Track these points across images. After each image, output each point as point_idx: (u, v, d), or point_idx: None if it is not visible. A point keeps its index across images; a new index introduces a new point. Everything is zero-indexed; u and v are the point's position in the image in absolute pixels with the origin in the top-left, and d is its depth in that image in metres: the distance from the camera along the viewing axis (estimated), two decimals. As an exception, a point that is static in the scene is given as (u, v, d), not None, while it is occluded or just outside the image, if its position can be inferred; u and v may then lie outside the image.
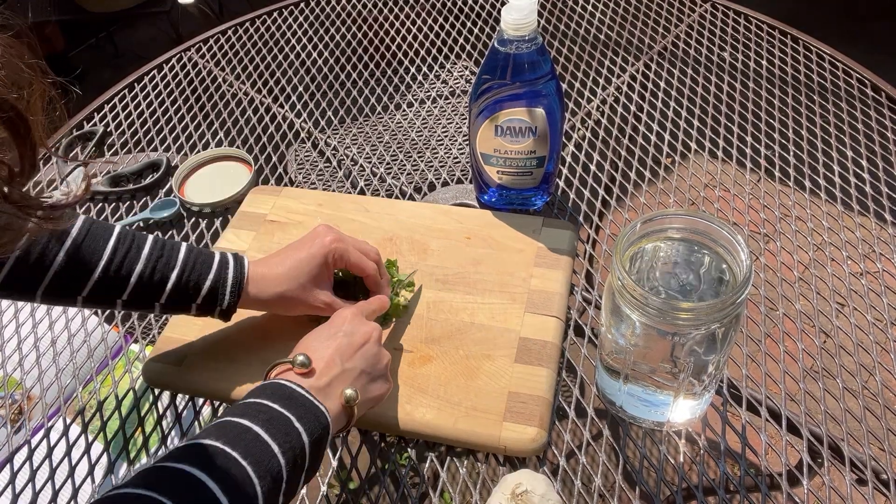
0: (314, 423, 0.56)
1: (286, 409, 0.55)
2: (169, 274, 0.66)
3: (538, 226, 0.86)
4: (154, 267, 0.66)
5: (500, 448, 0.67)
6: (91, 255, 0.64)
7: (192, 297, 0.67)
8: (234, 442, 0.52)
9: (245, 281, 0.68)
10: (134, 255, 0.65)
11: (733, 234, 0.57)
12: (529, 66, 0.75)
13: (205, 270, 0.67)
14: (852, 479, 0.66)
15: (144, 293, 0.66)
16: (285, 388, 0.57)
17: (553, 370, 0.71)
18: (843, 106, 1.04)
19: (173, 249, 0.67)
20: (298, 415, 0.55)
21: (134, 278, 0.65)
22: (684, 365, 0.60)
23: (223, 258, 0.69)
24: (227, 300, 0.68)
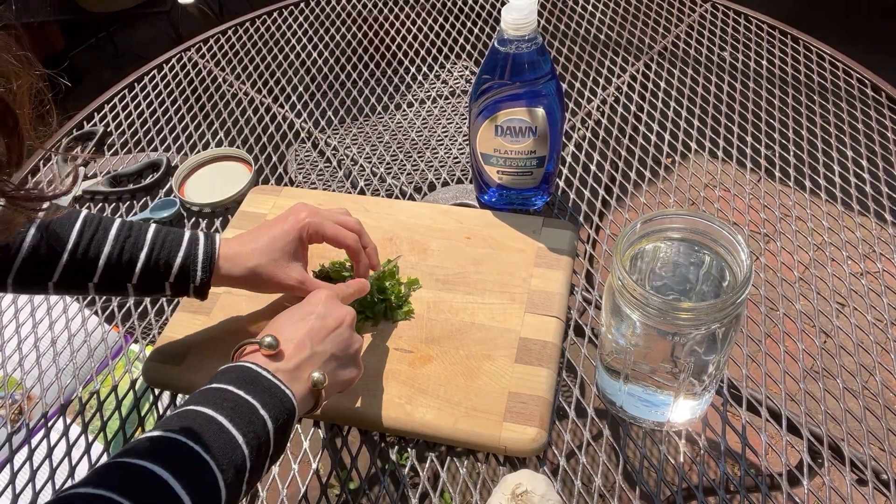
0: (279, 409, 0.55)
1: (251, 396, 0.54)
2: (138, 254, 0.66)
3: (538, 226, 0.86)
4: (122, 247, 0.65)
5: (500, 448, 0.67)
6: (57, 240, 0.64)
7: (164, 276, 0.67)
8: (196, 434, 0.50)
9: (216, 257, 0.68)
10: (101, 237, 0.65)
11: (733, 234, 0.57)
12: (529, 66, 0.75)
13: (174, 248, 0.67)
14: (852, 479, 0.66)
15: (115, 275, 0.66)
16: (250, 372, 0.56)
17: (553, 370, 0.71)
18: (843, 106, 1.04)
19: (141, 230, 0.67)
20: (263, 401, 0.54)
21: (102, 260, 0.65)
22: (684, 365, 0.60)
23: (193, 236, 0.69)
24: (199, 277, 0.67)
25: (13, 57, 0.41)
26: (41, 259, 0.64)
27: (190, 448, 0.50)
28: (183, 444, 0.50)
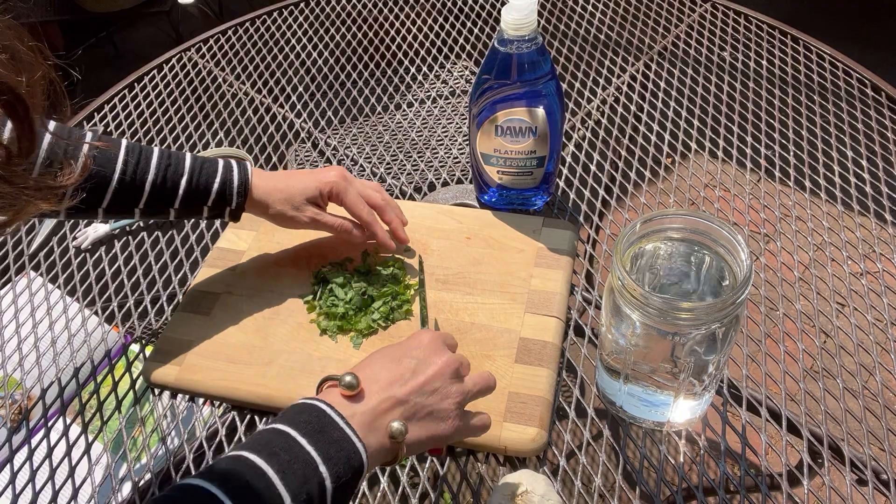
0: (344, 466, 0.50)
1: (314, 448, 0.49)
2: (179, 180, 0.72)
3: (538, 226, 0.86)
4: (165, 174, 0.71)
5: (500, 448, 0.67)
6: (104, 168, 0.69)
7: (203, 199, 0.73)
8: (238, 490, 0.47)
9: (249, 182, 0.74)
10: (144, 165, 0.71)
11: (733, 234, 0.57)
12: (529, 66, 0.75)
13: (212, 174, 0.73)
14: (852, 479, 0.66)
15: (159, 199, 0.72)
16: (323, 417, 0.51)
17: (553, 370, 0.71)
18: (843, 106, 1.04)
19: (179, 158, 0.73)
20: (326, 455, 0.50)
21: (147, 186, 0.71)
22: (684, 365, 0.60)
23: (227, 163, 0.75)
24: (235, 200, 0.74)
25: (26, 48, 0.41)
26: (91, 186, 0.68)
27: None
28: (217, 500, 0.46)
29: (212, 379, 0.73)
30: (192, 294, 0.82)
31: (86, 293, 0.88)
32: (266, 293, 0.81)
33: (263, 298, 0.80)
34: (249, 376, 0.73)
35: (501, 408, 0.68)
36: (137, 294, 0.87)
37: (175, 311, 0.81)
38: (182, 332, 0.77)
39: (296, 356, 0.74)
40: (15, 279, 0.91)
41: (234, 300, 0.80)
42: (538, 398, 0.69)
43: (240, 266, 0.84)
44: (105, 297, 0.87)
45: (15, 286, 0.90)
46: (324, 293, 0.79)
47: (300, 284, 0.81)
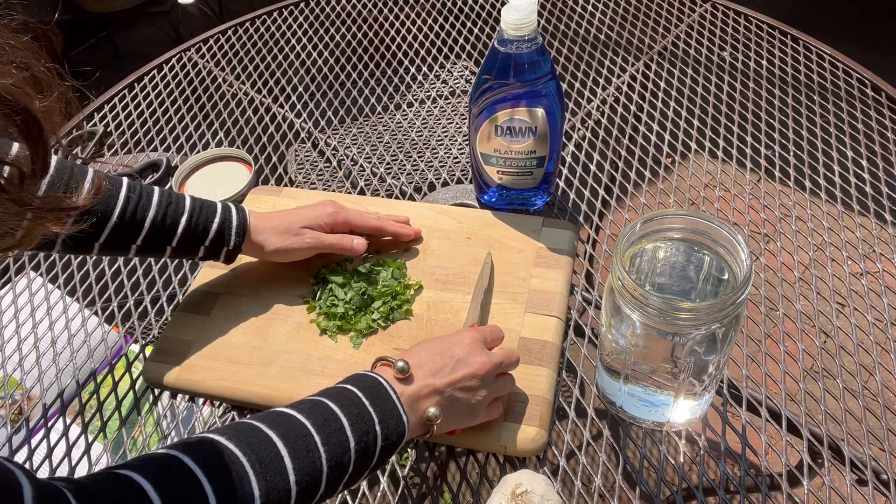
0: (392, 430, 0.58)
1: (374, 409, 0.58)
2: (179, 218, 0.73)
3: (538, 226, 0.86)
4: (165, 213, 0.72)
5: (499, 448, 0.67)
6: (106, 205, 0.70)
7: (201, 239, 0.74)
8: (317, 426, 0.55)
9: (248, 225, 0.76)
10: (145, 202, 0.72)
11: (733, 234, 0.57)
12: (529, 66, 0.75)
13: (211, 214, 0.74)
14: (852, 479, 0.66)
15: (157, 237, 0.72)
16: (380, 388, 0.60)
17: (553, 370, 0.71)
18: (843, 106, 1.04)
19: (180, 198, 0.74)
20: (382, 418, 0.58)
21: (148, 223, 0.71)
22: (684, 365, 0.60)
23: (225, 205, 0.76)
24: (233, 241, 0.75)
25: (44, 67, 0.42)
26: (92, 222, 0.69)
27: (310, 441, 0.55)
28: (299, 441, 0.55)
29: (212, 379, 0.73)
30: (193, 294, 0.82)
31: (86, 293, 0.88)
32: (266, 293, 0.81)
33: (263, 299, 0.80)
34: (249, 376, 0.73)
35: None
36: (137, 294, 0.87)
37: (175, 311, 0.81)
38: (182, 333, 0.77)
39: (296, 356, 0.74)
40: (15, 279, 0.91)
41: (235, 300, 0.80)
42: (538, 398, 0.69)
43: (240, 266, 0.84)
44: (105, 297, 0.87)
45: (15, 286, 0.90)
46: (324, 293, 0.79)
47: (300, 285, 0.81)
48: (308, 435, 0.55)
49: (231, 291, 0.81)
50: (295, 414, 0.56)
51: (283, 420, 0.55)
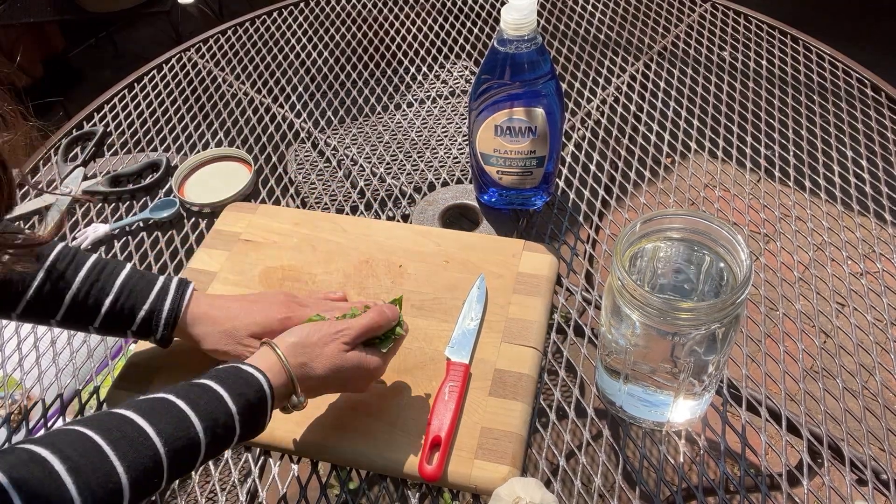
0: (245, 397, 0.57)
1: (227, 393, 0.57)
2: (103, 299, 0.66)
3: (518, 249, 0.83)
4: (89, 291, 0.66)
5: (470, 487, 0.64)
6: (25, 276, 0.65)
7: (127, 324, 0.67)
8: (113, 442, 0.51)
9: (182, 313, 0.68)
10: (70, 274, 0.66)
11: (733, 234, 0.57)
12: (529, 66, 0.75)
13: (141, 298, 0.67)
14: (852, 479, 0.66)
15: (78, 314, 0.66)
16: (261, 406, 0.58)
17: (528, 404, 0.69)
18: (843, 106, 1.04)
19: (112, 273, 0.67)
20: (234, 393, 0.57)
21: (67, 299, 0.66)
22: (684, 365, 0.60)
23: (164, 286, 0.68)
24: (160, 332, 0.67)
25: (10, 110, 0.43)
26: (6, 292, 0.65)
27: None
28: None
29: None
30: None
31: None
32: None
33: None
34: None
35: (473, 444, 0.66)
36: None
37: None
38: (147, 358, 0.75)
39: None
40: (15, 279, 0.91)
41: None
42: (511, 434, 0.66)
43: (211, 288, 0.82)
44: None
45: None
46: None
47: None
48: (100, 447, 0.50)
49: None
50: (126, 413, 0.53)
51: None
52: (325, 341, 0.62)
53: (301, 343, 0.62)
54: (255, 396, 0.57)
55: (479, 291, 0.78)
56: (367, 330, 0.64)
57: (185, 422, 0.54)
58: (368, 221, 0.90)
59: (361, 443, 0.67)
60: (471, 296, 0.78)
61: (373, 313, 0.65)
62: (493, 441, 0.66)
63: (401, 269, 0.82)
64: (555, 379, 0.75)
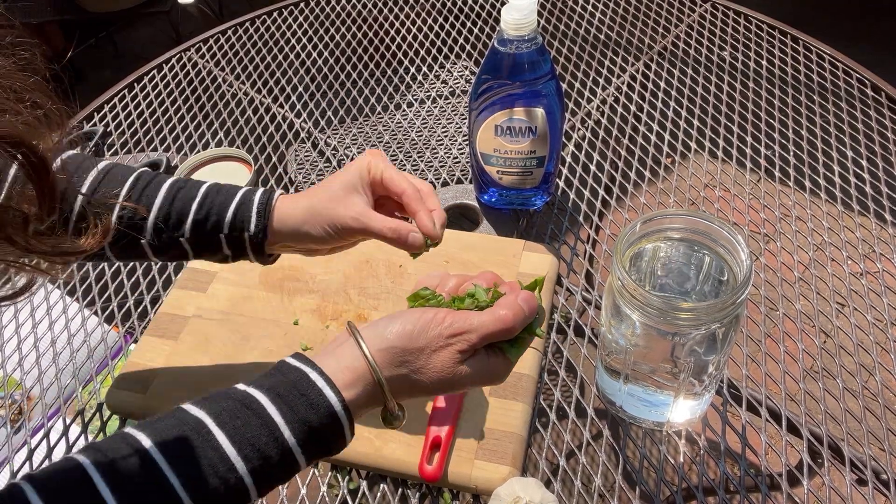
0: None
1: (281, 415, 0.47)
2: (189, 206, 0.60)
3: (518, 249, 0.83)
4: (173, 201, 0.60)
5: (470, 487, 0.64)
6: (108, 200, 0.60)
7: (217, 227, 0.60)
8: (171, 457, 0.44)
9: (273, 203, 0.60)
10: (151, 192, 0.60)
11: (733, 234, 0.57)
12: (529, 66, 0.75)
13: (228, 198, 0.61)
14: (852, 479, 0.66)
15: (166, 232, 0.60)
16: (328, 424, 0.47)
17: (528, 404, 0.69)
18: (843, 106, 1.04)
19: (194, 185, 0.62)
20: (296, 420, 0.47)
21: (152, 216, 0.60)
22: (684, 365, 0.60)
23: (249, 190, 0.62)
24: (253, 224, 0.59)
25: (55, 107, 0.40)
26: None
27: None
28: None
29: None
30: (161, 317, 0.79)
31: (86, 293, 0.88)
32: (236, 317, 0.78)
33: (233, 323, 0.78)
34: None
35: (474, 445, 0.66)
36: (137, 294, 0.87)
37: (143, 333, 0.79)
38: (148, 358, 0.75)
39: None
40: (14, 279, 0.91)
41: (204, 324, 0.78)
42: (512, 434, 0.66)
43: (211, 288, 0.82)
44: (105, 297, 0.87)
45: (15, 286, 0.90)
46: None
47: (271, 308, 0.79)
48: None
49: (201, 315, 0.79)
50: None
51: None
52: (435, 347, 0.49)
53: (401, 349, 0.49)
54: (322, 422, 0.46)
55: None
56: (496, 335, 0.50)
57: (223, 462, 0.44)
58: None
59: (361, 443, 0.67)
60: None
61: (506, 313, 0.50)
62: (493, 441, 0.66)
63: (401, 269, 0.82)
64: (555, 379, 0.75)
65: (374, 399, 0.49)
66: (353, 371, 0.48)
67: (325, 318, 0.78)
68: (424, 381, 0.49)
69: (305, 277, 0.82)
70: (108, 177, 0.61)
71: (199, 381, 0.73)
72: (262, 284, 0.82)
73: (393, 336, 0.49)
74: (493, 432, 0.66)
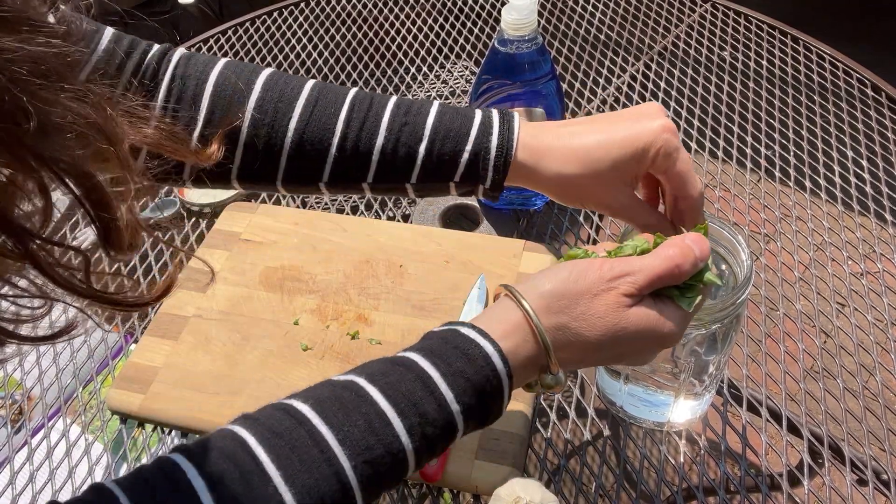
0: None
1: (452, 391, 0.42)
2: (417, 147, 0.53)
3: (519, 250, 0.83)
4: (398, 139, 0.53)
5: (470, 487, 0.64)
6: (322, 133, 0.53)
7: (448, 175, 0.53)
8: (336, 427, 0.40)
9: (514, 150, 0.52)
10: (372, 125, 0.53)
11: (733, 234, 0.57)
12: (529, 66, 0.75)
13: (461, 139, 0.52)
14: (853, 479, 0.66)
15: (391, 173, 0.54)
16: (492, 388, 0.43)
17: (528, 404, 0.69)
18: (843, 106, 1.04)
19: (420, 113, 0.54)
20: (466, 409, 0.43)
21: (375, 156, 0.53)
22: (685, 365, 0.60)
23: (485, 119, 0.53)
24: (489, 178, 0.52)
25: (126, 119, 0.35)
26: (307, 157, 0.53)
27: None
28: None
29: (176, 409, 0.71)
30: (161, 317, 0.79)
31: (86, 293, 0.87)
32: (236, 317, 0.78)
33: (234, 323, 0.77)
34: (215, 406, 0.70)
35: (474, 444, 0.65)
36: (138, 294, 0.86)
37: (143, 333, 0.79)
38: (148, 358, 0.75)
39: (265, 385, 0.72)
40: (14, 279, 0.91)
41: (204, 324, 0.78)
42: (512, 434, 0.66)
43: (211, 288, 0.81)
44: (105, 297, 0.87)
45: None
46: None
47: (271, 308, 0.79)
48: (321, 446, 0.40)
49: (201, 315, 0.79)
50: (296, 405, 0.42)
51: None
52: (596, 290, 0.44)
53: (558, 293, 0.44)
54: (480, 375, 0.43)
55: (479, 292, 0.78)
56: (663, 277, 0.44)
57: (385, 427, 0.40)
58: (369, 221, 0.90)
59: None
60: (471, 296, 0.78)
61: (674, 252, 0.44)
62: (493, 441, 0.66)
63: (401, 269, 0.82)
64: (555, 379, 0.75)
65: (532, 354, 0.44)
66: (508, 322, 0.44)
67: (325, 318, 0.78)
68: (586, 331, 0.44)
69: (305, 277, 0.82)
70: (315, 111, 0.53)
71: (199, 381, 0.73)
72: (262, 284, 0.82)
73: (549, 284, 0.44)
74: (493, 432, 0.66)
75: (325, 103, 0.54)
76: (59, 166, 0.29)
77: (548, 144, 0.52)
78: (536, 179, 0.53)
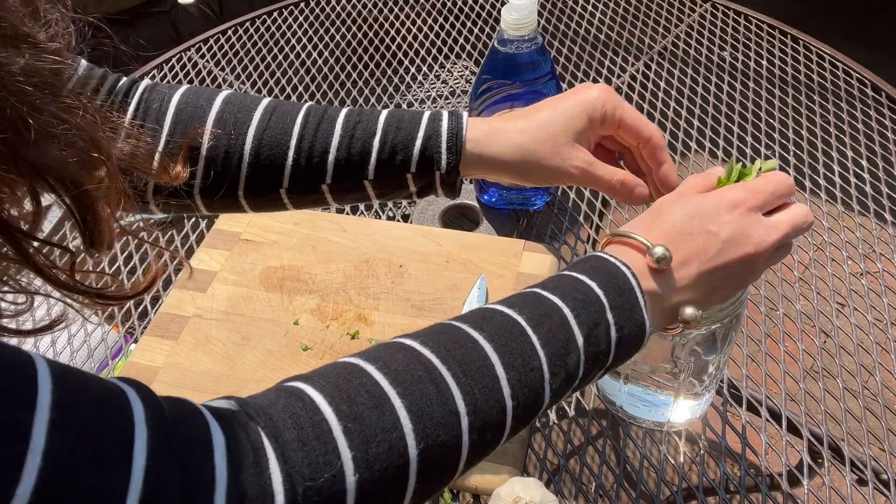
0: (629, 337, 0.46)
1: (607, 298, 0.45)
2: (371, 140, 0.55)
3: (519, 249, 0.83)
4: (352, 136, 0.55)
5: (470, 488, 0.64)
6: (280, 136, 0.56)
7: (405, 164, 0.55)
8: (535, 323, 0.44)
9: (464, 130, 0.54)
10: (328, 126, 0.56)
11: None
12: (529, 66, 0.75)
13: (413, 128, 0.55)
14: (852, 479, 0.66)
15: (348, 170, 0.56)
16: (621, 281, 0.46)
17: None
18: (843, 106, 1.04)
19: (372, 113, 0.57)
20: (619, 322, 0.45)
21: (332, 153, 0.55)
22: (685, 365, 0.60)
23: (435, 113, 0.56)
24: (444, 160, 0.54)
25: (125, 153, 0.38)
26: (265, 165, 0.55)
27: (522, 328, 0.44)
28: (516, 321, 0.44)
29: None
30: (161, 317, 0.79)
31: (86, 293, 0.87)
32: (236, 317, 0.78)
33: (234, 323, 0.77)
34: None
35: None
36: (137, 294, 0.86)
37: (143, 333, 0.78)
38: (148, 359, 0.75)
39: (265, 385, 0.69)
40: (15, 279, 0.91)
41: (204, 324, 0.77)
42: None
43: (211, 288, 0.81)
44: (105, 297, 0.87)
45: (15, 286, 0.90)
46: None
47: (271, 308, 0.79)
48: (523, 335, 0.43)
49: (201, 315, 0.79)
50: (503, 309, 0.45)
51: (488, 318, 0.45)
52: (724, 211, 0.47)
53: (686, 216, 0.47)
54: (622, 284, 0.46)
55: (479, 291, 0.78)
56: (782, 196, 0.49)
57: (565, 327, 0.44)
58: (369, 221, 0.90)
59: None
60: (471, 296, 0.78)
61: (785, 176, 0.50)
62: None
63: (401, 269, 0.82)
64: (555, 379, 0.75)
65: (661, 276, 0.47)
66: (629, 244, 0.48)
67: (325, 318, 0.78)
68: (715, 229, 0.46)
69: (305, 277, 0.82)
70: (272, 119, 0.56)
71: (199, 381, 0.73)
72: (262, 284, 0.82)
73: (668, 217, 0.48)
74: None
75: (282, 112, 0.57)
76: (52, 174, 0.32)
77: (498, 126, 0.55)
78: (492, 158, 0.55)
